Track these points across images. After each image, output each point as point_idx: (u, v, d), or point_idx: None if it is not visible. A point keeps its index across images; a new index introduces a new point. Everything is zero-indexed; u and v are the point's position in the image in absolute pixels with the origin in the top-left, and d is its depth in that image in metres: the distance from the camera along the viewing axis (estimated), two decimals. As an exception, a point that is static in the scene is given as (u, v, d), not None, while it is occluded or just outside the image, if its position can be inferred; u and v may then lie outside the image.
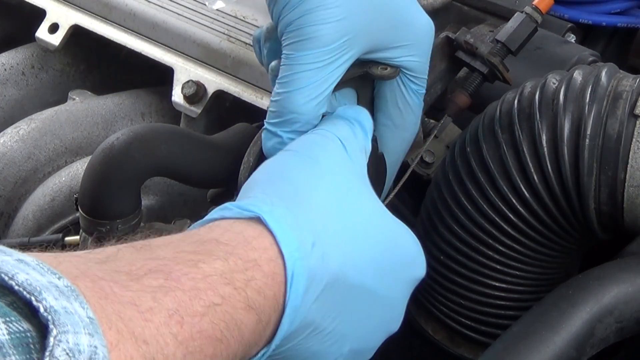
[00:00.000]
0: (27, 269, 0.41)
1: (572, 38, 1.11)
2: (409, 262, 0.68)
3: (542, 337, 0.69)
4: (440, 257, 0.85)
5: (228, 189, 0.86)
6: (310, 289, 0.59)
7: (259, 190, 0.64)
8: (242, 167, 0.80)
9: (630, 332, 0.74)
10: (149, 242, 0.54)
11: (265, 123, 0.77)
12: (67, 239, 0.98)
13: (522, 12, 0.94)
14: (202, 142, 0.84)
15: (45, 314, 0.40)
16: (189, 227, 0.90)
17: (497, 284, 0.83)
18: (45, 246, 0.97)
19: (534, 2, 0.94)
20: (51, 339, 0.39)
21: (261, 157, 0.79)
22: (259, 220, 0.59)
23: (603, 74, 0.80)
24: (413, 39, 0.79)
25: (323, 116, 0.76)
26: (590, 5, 1.18)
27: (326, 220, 0.62)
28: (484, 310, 0.84)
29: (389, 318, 0.67)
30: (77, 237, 0.91)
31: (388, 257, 0.65)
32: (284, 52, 0.75)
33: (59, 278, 0.42)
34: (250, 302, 0.55)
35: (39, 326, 0.40)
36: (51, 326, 0.39)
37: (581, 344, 0.70)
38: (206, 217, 0.61)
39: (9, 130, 1.18)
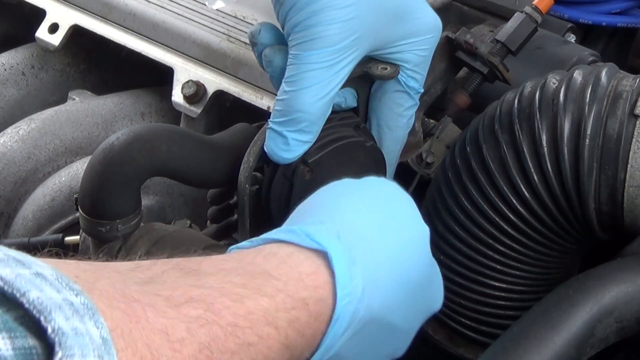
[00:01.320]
0: (42, 285, 0.40)
1: (572, 38, 1.11)
2: (433, 300, 0.67)
3: (542, 337, 0.69)
4: (440, 257, 0.85)
5: (228, 189, 0.86)
6: (348, 330, 0.58)
7: (315, 217, 0.61)
8: (242, 167, 0.80)
9: (630, 332, 0.74)
10: (199, 265, 0.53)
11: (269, 122, 0.77)
12: (67, 239, 0.98)
13: (522, 12, 0.94)
14: (202, 142, 0.84)
15: (52, 335, 0.38)
16: (189, 226, 0.90)
17: (497, 284, 0.83)
18: (47, 247, 0.97)
19: (534, 2, 0.94)
20: None
21: (261, 157, 0.79)
22: (321, 254, 0.57)
23: (603, 74, 0.80)
24: (419, 33, 0.80)
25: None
26: (590, 5, 1.18)
27: (377, 260, 0.60)
28: (484, 310, 0.84)
29: (400, 347, 0.67)
30: (77, 237, 0.91)
31: (420, 297, 0.65)
32: (291, 52, 0.76)
33: (76, 295, 0.41)
34: (288, 342, 0.54)
35: (47, 343, 0.39)
36: (57, 348, 0.38)
37: (581, 344, 0.70)
38: (272, 235, 0.59)
39: (9, 130, 1.18)
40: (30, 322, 0.39)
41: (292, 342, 0.54)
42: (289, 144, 0.76)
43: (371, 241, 0.61)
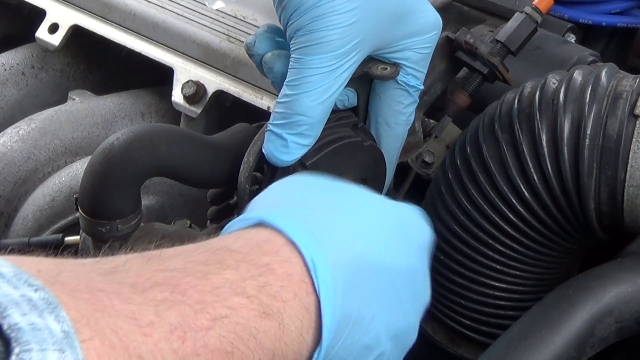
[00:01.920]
0: None
1: (572, 38, 1.11)
2: (416, 228, 0.66)
3: (542, 337, 0.69)
4: (440, 257, 0.85)
5: (228, 189, 0.86)
6: (337, 280, 0.57)
7: (261, 204, 0.63)
8: (242, 167, 0.80)
9: (630, 332, 0.74)
10: (160, 252, 0.53)
11: (269, 125, 0.77)
12: (67, 239, 0.98)
13: (522, 12, 0.94)
14: (202, 142, 0.84)
15: (8, 332, 0.38)
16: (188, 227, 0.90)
17: (497, 284, 0.83)
18: (47, 247, 0.97)
19: (534, 2, 0.94)
20: (13, 358, 0.38)
21: (261, 157, 0.79)
22: (265, 224, 0.58)
23: (603, 74, 0.80)
24: (420, 32, 0.80)
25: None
26: (590, 5, 1.18)
27: (332, 215, 0.61)
28: (484, 310, 0.84)
29: (417, 289, 0.65)
30: (77, 237, 0.91)
31: (397, 232, 0.64)
32: (292, 55, 0.76)
33: (35, 290, 0.41)
34: (266, 308, 0.53)
35: (5, 341, 0.38)
36: (13, 344, 0.38)
37: (581, 344, 0.70)
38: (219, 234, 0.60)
39: (8, 130, 1.18)
40: None
41: (271, 309, 0.54)
42: (288, 146, 0.76)
43: (319, 200, 0.62)
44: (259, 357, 0.53)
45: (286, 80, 0.76)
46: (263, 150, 0.78)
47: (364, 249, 0.60)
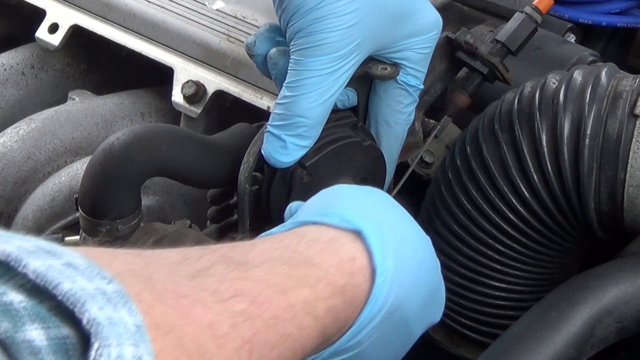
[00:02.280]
0: (74, 275, 0.40)
1: (572, 38, 1.11)
2: (437, 309, 0.67)
3: (542, 337, 0.69)
4: (440, 257, 0.85)
5: (228, 189, 0.86)
6: (379, 315, 0.59)
7: (339, 205, 0.62)
8: (242, 167, 0.80)
9: (630, 332, 0.74)
10: (246, 255, 0.54)
11: (267, 126, 0.77)
12: (67, 239, 0.98)
13: (522, 12, 0.94)
14: (202, 143, 0.84)
15: (87, 326, 0.38)
16: (188, 226, 0.90)
17: (497, 284, 0.83)
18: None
19: (534, 2, 0.94)
20: (92, 353, 0.38)
21: (261, 158, 0.79)
22: (357, 236, 0.58)
23: (603, 74, 0.80)
24: (420, 32, 0.80)
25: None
26: (590, 5, 1.18)
27: (402, 245, 0.61)
28: (484, 310, 0.84)
29: (405, 348, 0.66)
30: (77, 237, 0.91)
31: (429, 301, 0.65)
32: (292, 57, 0.76)
33: (108, 283, 0.41)
34: (325, 329, 0.55)
35: (82, 332, 0.39)
36: (93, 339, 0.38)
37: (581, 344, 0.70)
38: (305, 218, 0.60)
39: (8, 130, 1.18)
40: (64, 312, 0.39)
41: (327, 329, 0.55)
42: (287, 147, 0.77)
43: (395, 227, 0.62)
44: None
45: (285, 82, 0.76)
46: (262, 152, 0.78)
47: (408, 298, 0.61)
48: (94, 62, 1.35)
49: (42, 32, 1.25)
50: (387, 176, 0.86)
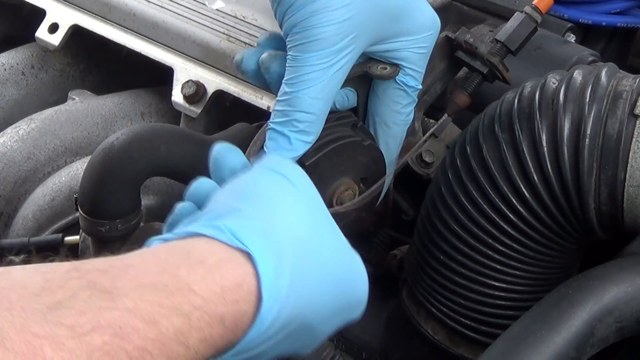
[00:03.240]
0: None
1: (572, 38, 1.11)
2: (353, 307, 0.65)
3: (542, 337, 0.69)
4: (440, 257, 0.85)
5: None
6: (268, 332, 0.57)
7: (240, 213, 0.59)
8: (242, 167, 0.80)
9: (630, 332, 0.74)
10: (115, 281, 0.50)
11: (270, 124, 0.77)
12: (67, 239, 0.98)
13: (521, 12, 0.94)
14: (202, 142, 0.84)
15: None
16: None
17: (497, 284, 0.83)
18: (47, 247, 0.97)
19: (534, 2, 0.94)
20: None
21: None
22: (247, 257, 0.55)
23: (603, 74, 0.80)
24: (416, 31, 0.80)
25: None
26: (590, 5, 1.18)
27: (302, 259, 0.59)
28: (484, 310, 0.84)
29: (310, 345, 0.65)
30: (77, 237, 0.91)
31: (341, 302, 0.63)
32: (289, 53, 0.77)
33: None
34: (198, 356, 0.53)
35: None
36: None
37: (581, 344, 0.70)
38: (197, 229, 0.57)
39: (8, 130, 1.18)
40: None
41: (201, 356, 0.53)
42: (291, 143, 0.77)
43: (299, 239, 0.59)
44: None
45: (285, 79, 0.77)
46: (265, 149, 0.78)
47: (309, 309, 0.59)
48: (94, 62, 1.35)
49: (42, 32, 1.25)
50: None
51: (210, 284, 0.54)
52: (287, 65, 0.77)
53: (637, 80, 0.80)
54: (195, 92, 1.13)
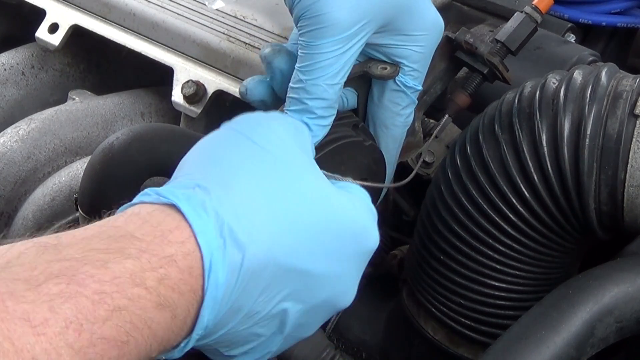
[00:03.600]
0: None
1: (572, 38, 1.11)
2: (356, 235, 0.66)
3: (542, 337, 0.69)
4: (440, 257, 0.85)
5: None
6: (234, 277, 0.57)
7: (186, 172, 0.62)
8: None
9: (630, 332, 0.74)
10: (58, 239, 0.52)
11: (286, 111, 0.78)
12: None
13: (522, 12, 0.94)
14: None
15: None
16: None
17: (497, 284, 0.83)
18: None
19: (534, 2, 0.94)
20: None
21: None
22: (176, 208, 0.57)
23: (603, 74, 0.80)
24: (420, 30, 0.81)
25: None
26: (590, 5, 1.18)
27: (254, 204, 0.60)
28: (484, 310, 0.84)
29: (334, 294, 0.66)
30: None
31: (329, 235, 0.64)
32: (301, 38, 0.77)
33: None
34: (163, 300, 0.54)
35: None
36: None
37: (581, 344, 0.70)
38: (130, 202, 0.60)
39: (8, 130, 1.18)
40: None
41: (167, 301, 0.54)
42: (311, 129, 0.77)
43: (245, 182, 0.61)
44: (150, 345, 0.53)
45: (298, 65, 0.77)
46: None
47: (279, 249, 0.61)
48: (94, 62, 1.35)
49: (42, 32, 1.25)
50: (387, 178, 0.86)
51: (149, 229, 0.56)
52: (300, 51, 0.77)
53: (637, 80, 0.80)
54: (195, 92, 1.13)
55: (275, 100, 0.82)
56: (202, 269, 0.56)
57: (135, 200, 0.60)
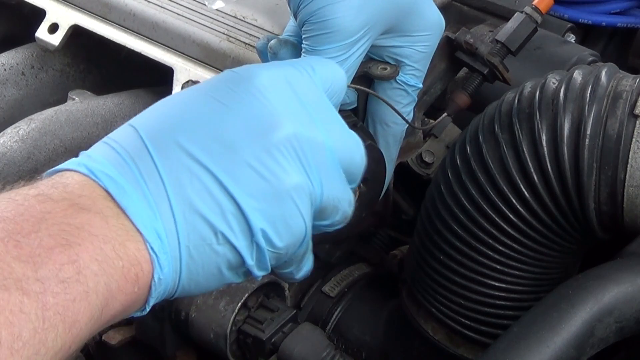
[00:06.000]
0: None
1: (572, 38, 1.11)
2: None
3: (542, 337, 0.69)
4: (440, 257, 0.85)
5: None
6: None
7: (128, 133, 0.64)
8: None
9: (630, 332, 0.74)
10: None
11: None
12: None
13: (522, 12, 0.94)
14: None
15: None
16: None
17: (497, 284, 0.83)
18: None
19: (534, 2, 0.94)
20: None
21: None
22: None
23: (603, 74, 0.80)
24: (422, 29, 0.81)
25: None
26: (590, 5, 1.18)
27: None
28: (484, 310, 0.84)
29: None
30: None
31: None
32: (306, 42, 0.77)
33: None
34: (109, 217, 0.56)
35: None
36: None
37: (581, 344, 0.70)
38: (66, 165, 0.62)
39: (8, 130, 1.18)
40: None
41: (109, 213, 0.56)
42: None
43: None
44: (97, 244, 0.54)
45: None
46: None
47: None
48: (94, 62, 1.34)
49: (42, 32, 1.25)
50: (387, 176, 0.86)
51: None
52: (303, 55, 0.77)
53: (637, 80, 0.80)
54: (195, 92, 1.13)
55: None
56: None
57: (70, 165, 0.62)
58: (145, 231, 0.56)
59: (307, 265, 0.68)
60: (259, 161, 0.61)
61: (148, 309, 0.59)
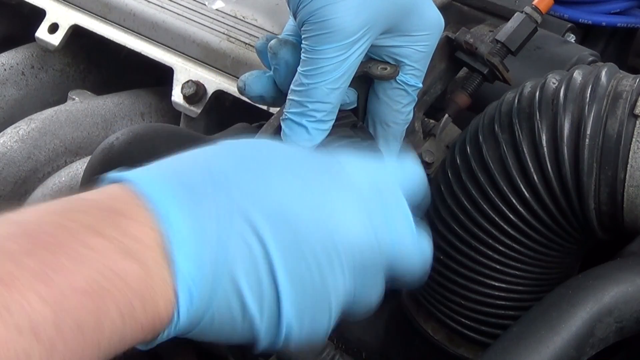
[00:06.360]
0: None
1: (572, 38, 1.11)
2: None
3: (542, 337, 0.69)
4: (440, 257, 0.85)
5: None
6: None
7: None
8: (242, 167, 0.80)
9: (630, 332, 0.74)
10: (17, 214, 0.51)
11: (286, 114, 0.78)
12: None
13: (522, 12, 0.94)
14: (202, 143, 0.84)
15: None
16: None
17: (497, 284, 0.83)
18: None
19: (534, 2, 0.94)
20: None
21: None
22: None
23: (603, 74, 0.80)
24: (422, 29, 0.81)
25: None
26: (590, 5, 1.18)
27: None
28: (484, 310, 0.84)
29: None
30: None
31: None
32: (305, 42, 0.77)
33: None
34: (127, 249, 0.50)
35: None
36: None
37: (581, 344, 0.70)
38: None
39: (8, 130, 1.18)
40: None
41: (132, 250, 0.51)
42: (310, 133, 0.78)
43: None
44: (129, 298, 0.50)
45: (301, 69, 0.78)
46: (282, 138, 0.79)
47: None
48: (94, 62, 1.35)
49: (42, 32, 1.25)
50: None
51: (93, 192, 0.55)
52: (303, 55, 0.78)
53: (637, 80, 0.80)
54: (195, 92, 1.13)
55: (274, 95, 0.82)
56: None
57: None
58: (182, 293, 0.52)
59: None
60: (314, 255, 0.55)
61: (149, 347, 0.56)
